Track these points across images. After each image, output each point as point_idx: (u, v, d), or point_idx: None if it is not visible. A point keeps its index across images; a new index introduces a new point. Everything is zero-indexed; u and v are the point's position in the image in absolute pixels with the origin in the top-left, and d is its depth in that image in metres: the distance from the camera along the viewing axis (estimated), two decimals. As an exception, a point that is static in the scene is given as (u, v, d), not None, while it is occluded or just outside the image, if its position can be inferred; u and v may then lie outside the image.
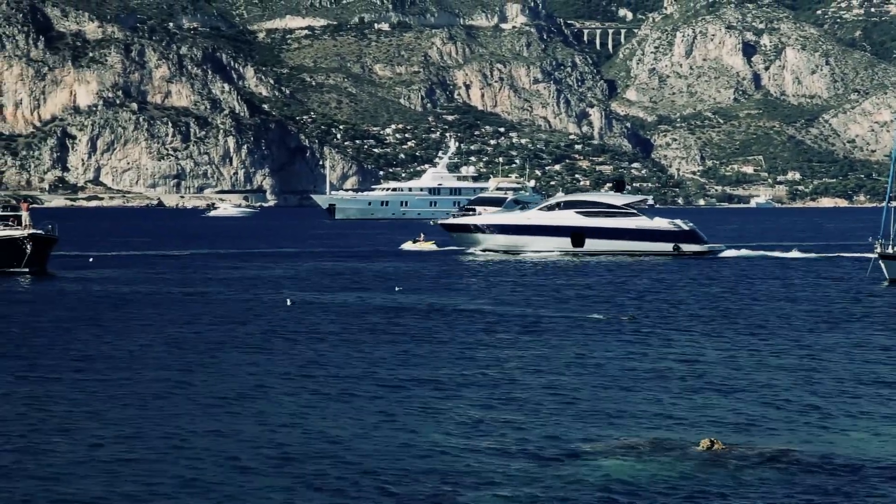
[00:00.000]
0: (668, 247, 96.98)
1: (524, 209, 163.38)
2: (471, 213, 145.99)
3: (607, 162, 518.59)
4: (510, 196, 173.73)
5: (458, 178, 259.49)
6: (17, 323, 49.12)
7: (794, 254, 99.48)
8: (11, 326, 47.88)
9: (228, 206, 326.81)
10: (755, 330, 47.98)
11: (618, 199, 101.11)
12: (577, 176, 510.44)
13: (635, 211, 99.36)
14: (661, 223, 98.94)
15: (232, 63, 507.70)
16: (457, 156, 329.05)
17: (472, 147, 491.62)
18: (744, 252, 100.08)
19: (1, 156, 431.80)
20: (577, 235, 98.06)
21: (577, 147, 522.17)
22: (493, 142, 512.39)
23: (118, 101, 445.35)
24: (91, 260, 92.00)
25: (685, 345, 43.11)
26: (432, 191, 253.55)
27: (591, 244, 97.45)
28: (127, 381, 34.65)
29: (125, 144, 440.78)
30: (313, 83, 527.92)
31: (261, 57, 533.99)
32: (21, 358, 39.32)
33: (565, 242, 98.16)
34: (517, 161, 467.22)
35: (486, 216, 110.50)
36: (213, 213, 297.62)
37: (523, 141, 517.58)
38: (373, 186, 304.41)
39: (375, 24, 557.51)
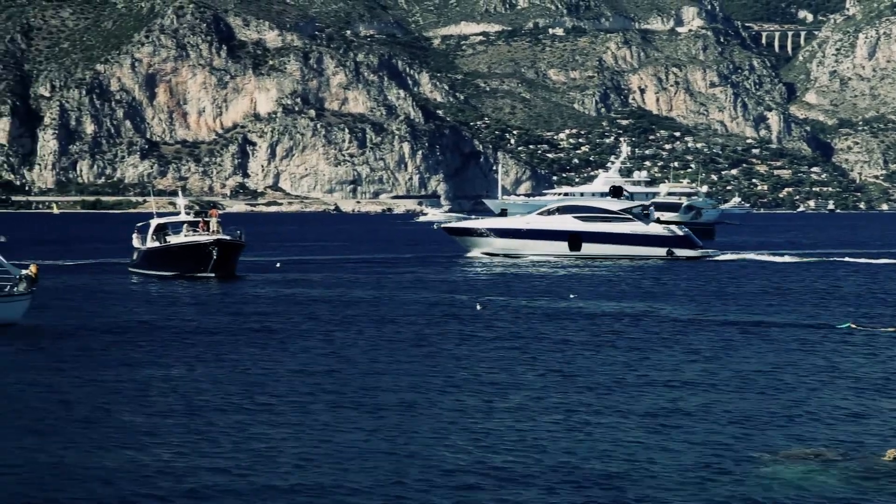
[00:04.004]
0: (662, 251, 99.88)
1: (698, 216, 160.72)
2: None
3: (785, 166, 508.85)
4: (684, 201, 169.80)
5: (631, 184, 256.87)
6: (225, 323, 50.46)
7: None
8: (225, 326, 49.23)
9: (437, 212, 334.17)
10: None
11: (614, 205, 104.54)
12: (754, 181, 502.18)
13: (631, 216, 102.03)
14: (656, 228, 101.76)
15: (407, 69, 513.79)
16: (630, 160, 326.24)
17: (646, 152, 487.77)
18: (729, 256, 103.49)
19: (185, 162, 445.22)
20: (574, 239, 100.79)
21: (755, 151, 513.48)
22: (667, 146, 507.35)
23: (297, 108, 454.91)
24: (278, 265, 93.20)
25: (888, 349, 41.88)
26: (604, 196, 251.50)
27: (587, 248, 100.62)
28: (362, 376, 35.26)
29: (303, 151, 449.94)
30: (487, 88, 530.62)
31: (436, 63, 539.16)
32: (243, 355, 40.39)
33: (563, 246, 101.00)
34: (692, 166, 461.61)
35: (486, 220, 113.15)
36: (422, 219, 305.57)
37: (699, 145, 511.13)
38: (544, 191, 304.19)
39: (550, 29, 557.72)
